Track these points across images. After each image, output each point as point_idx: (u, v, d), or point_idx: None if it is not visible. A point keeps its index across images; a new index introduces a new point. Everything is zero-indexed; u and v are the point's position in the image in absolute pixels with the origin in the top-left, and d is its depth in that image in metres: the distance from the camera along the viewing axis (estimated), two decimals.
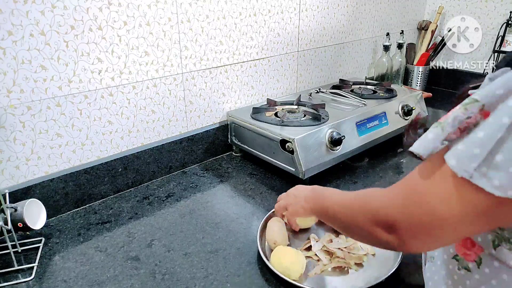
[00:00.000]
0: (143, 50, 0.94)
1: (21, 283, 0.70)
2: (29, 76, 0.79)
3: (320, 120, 1.04)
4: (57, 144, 0.87)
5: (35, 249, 0.78)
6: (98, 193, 0.95)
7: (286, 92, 1.35)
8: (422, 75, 1.77)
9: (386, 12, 1.65)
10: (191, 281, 0.70)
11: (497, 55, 1.62)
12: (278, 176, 1.05)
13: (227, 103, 1.18)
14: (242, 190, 0.99)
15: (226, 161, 1.16)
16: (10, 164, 0.82)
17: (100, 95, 0.90)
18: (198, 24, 1.03)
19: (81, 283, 0.70)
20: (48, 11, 0.78)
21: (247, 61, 1.18)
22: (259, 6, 1.15)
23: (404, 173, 1.08)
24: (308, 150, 0.97)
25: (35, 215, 0.78)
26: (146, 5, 0.91)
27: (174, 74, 1.02)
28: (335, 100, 1.24)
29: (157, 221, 0.88)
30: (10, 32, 0.74)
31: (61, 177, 0.88)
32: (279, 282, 0.68)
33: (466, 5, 1.73)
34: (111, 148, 0.96)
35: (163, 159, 1.05)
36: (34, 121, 0.82)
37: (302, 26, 1.30)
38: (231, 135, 1.17)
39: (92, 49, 0.86)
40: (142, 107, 0.99)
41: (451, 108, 0.44)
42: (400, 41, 1.60)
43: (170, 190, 1.00)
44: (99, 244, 0.80)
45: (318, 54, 1.41)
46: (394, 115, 1.21)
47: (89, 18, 0.83)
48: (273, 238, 0.74)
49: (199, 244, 0.79)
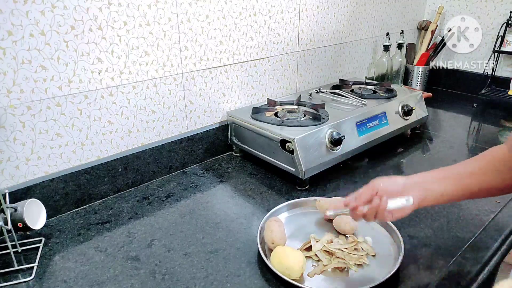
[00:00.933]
0: (143, 50, 0.94)
1: (21, 283, 0.70)
2: (29, 76, 0.79)
3: (320, 120, 1.04)
4: (57, 144, 0.87)
5: (35, 249, 0.78)
6: (98, 193, 0.95)
7: (286, 92, 1.35)
8: (422, 75, 1.77)
9: (386, 12, 1.65)
10: (191, 281, 0.70)
11: (497, 55, 1.62)
12: (278, 176, 1.05)
13: (227, 103, 1.18)
14: (242, 190, 0.99)
15: (226, 161, 1.16)
16: (10, 164, 0.82)
17: (100, 95, 0.90)
18: (198, 24, 1.03)
19: (81, 283, 0.70)
20: (48, 11, 0.78)
21: (247, 61, 1.18)
22: (259, 6, 1.15)
23: (404, 173, 1.08)
24: (308, 150, 0.97)
25: (35, 215, 0.78)
26: (146, 5, 0.91)
27: (174, 74, 1.02)
28: (335, 100, 1.24)
29: (157, 221, 0.88)
30: (10, 32, 0.74)
31: (61, 177, 0.88)
32: (279, 282, 0.68)
33: (466, 5, 1.73)
34: (111, 148, 0.96)
35: (163, 159, 1.05)
36: (34, 121, 0.82)
37: (302, 26, 1.30)
38: (231, 135, 1.17)
39: (92, 49, 0.86)
40: (142, 107, 0.99)
41: (451, 108, 0.44)
42: (400, 41, 1.60)
43: (170, 190, 1.00)
44: (99, 244, 0.80)
45: (318, 54, 1.41)
46: (394, 115, 1.21)
47: (89, 18, 0.83)
48: (271, 238, 0.74)
49: (199, 244, 0.79)
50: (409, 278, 0.69)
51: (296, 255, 0.70)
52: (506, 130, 1.41)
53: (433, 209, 0.90)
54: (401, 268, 0.70)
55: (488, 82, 1.65)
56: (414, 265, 0.72)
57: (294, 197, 0.95)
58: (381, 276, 0.68)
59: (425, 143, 1.28)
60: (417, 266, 0.72)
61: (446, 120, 1.50)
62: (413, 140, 1.30)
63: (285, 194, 0.97)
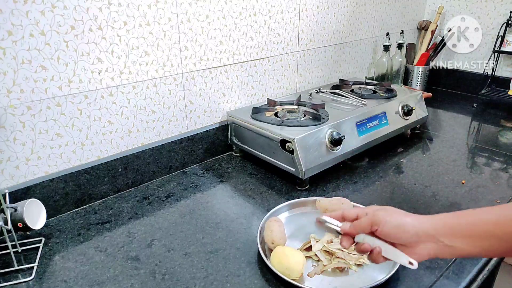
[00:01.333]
0: (143, 50, 0.94)
1: (21, 283, 0.70)
2: (29, 76, 0.79)
3: (320, 120, 1.04)
4: (57, 144, 0.87)
5: (35, 249, 0.78)
6: (98, 193, 0.95)
7: (286, 92, 1.35)
8: (422, 75, 1.77)
9: (386, 12, 1.65)
10: (191, 281, 0.70)
11: (497, 55, 1.62)
12: (278, 176, 1.05)
13: (227, 103, 1.18)
14: (242, 190, 0.99)
15: (226, 161, 1.16)
16: (10, 164, 0.82)
17: (100, 95, 0.90)
18: (198, 24, 1.03)
19: (81, 283, 0.70)
20: (48, 11, 0.78)
21: (247, 61, 1.18)
22: (259, 6, 1.15)
23: (404, 173, 1.08)
24: (308, 150, 0.97)
25: (35, 215, 0.78)
26: (146, 5, 0.91)
27: (174, 74, 1.02)
28: (335, 100, 1.24)
29: (157, 221, 0.88)
30: (10, 32, 0.74)
31: (61, 177, 0.88)
32: (279, 282, 0.68)
33: (466, 5, 1.73)
34: (111, 148, 0.96)
35: (163, 159, 1.05)
36: (34, 121, 0.82)
37: (302, 26, 1.30)
38: (231, 135, 1.17)
39: (92, 49, 0.86)
40: (142, 107, 0.99)
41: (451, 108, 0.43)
42: (400, 41, 1.60)
43: (170, 190, 1.00)
44: (99, 244, 0.80)
45: (318, 54, 1.41)
46: (394, 115, 1.21)
47: (89, 18, 0.83)
48: (271, 238, 0.74)
49: (199, 244, 0.79)
50: (409, 278, 0.69)
51: (296, 255, 0.70)
52: (506, 130, 1.41)
53: (433, 209, 0.90)
54: (401, 268, 0.70)
55: (488, 82, 1.65)
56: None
57: (294, 197, 0.95)
58: (381, 276, 0.68)
59: (425, 143, 1.28)
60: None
61: (446, 120, 1.50)
62: (413, 140, 1.30)
63: (285, 194, 0.97)
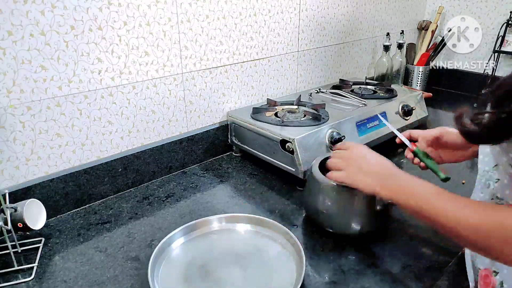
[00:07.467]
0: (143, 50, 0.94)
1: (21, 283, 0.70)
2: (29, 76, 0.79)
3: (320, 120, 1.04)
4: (57, 144, 0.87)
5: (35, 249, 0.78)
6: (98, 193, 0.95)
7: (286, 92, 1.35)
8: (422, 75, 1.77)
9: (386, 12, 1.65)
10: None
11: (497, 55, 1.62)
12: (278, 176, 1.05)
13: (227, 103, 1.18)
14: (242, 190, 0.99)
15: (226, 161, 1.16)
16: (10, 164, 0.82)
17: (100, 95, 0.90)
18: (198, 24, 1.03)
19: (81, 283, 0.69)
20: (48, 11, 0.78)
21: (247, 61, 1.18)
22: (259, 6, 1.15)
23: None
24: (308, 150, 0.97)
25: (35, 215, 0.78)
26: (146, 5, 0.91)
27: (174, 74, 1.02)
28: (335, 100, 1.24)
29: (157, 221, 0.87)
30: (10, 32, 0.74)
31: (61, 177, 0.88)
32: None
33: (466, 5, 1.73)
34: (111, 148, 0.96)
35: (163, 159, 1.05)
36: (34, 121, 0.82)
37: (302, 26, 1.30)
38: (231, 135, 1.17)
39: (92, 49, 0.86)
40: (142, 107, 0.99)
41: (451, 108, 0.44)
42: (400, 41, 1.60)
43: (170, 190, 1.00)
44: (99, 244, 0.80)
45: (318, 54, 1.41)
46: (394, 115, 1.21)
47: (89, 18, 0.83)
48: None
49: None
50: (409, 278, 0.69)
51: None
52: None
53: None
54: (401, 268, 0.70)
55: (488, 82, 1.65)
56: (414, 264, 0.72)
57: (294, 197, 0.95)
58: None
59: None
60: (417, 266, 0.72)
61: (446, 120, 1.49)
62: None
63: (285, 194, 0.97)
